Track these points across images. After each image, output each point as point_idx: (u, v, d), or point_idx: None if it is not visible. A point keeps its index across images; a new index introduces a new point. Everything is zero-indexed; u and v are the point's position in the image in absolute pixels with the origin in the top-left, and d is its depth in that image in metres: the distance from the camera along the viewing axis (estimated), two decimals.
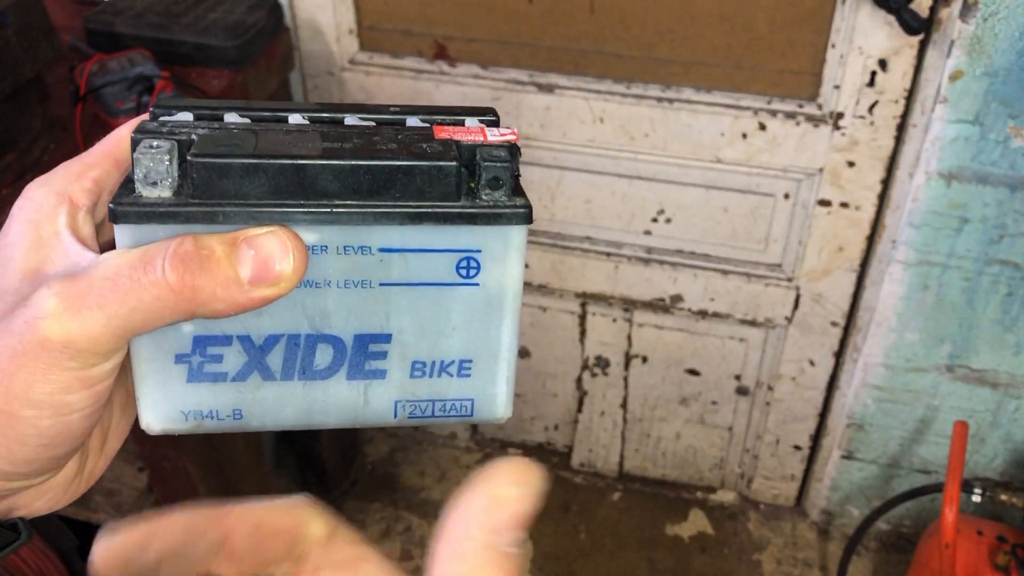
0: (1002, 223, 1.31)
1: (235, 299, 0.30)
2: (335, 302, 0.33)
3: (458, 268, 0.33)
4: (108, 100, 1.16)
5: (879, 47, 1.26)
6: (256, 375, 0.34)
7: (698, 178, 1.46)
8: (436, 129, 0.34)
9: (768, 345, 1.63)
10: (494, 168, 0.32)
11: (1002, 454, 1.57)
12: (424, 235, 0.32)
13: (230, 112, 0.34)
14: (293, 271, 0.30)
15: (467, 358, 0.35)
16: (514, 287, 0.34)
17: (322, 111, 0.35)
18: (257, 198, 0.31)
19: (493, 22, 1.40)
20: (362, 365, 0.34)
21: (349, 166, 0.31)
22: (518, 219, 0.33)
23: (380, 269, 0.33)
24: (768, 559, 1.75)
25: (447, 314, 0.34)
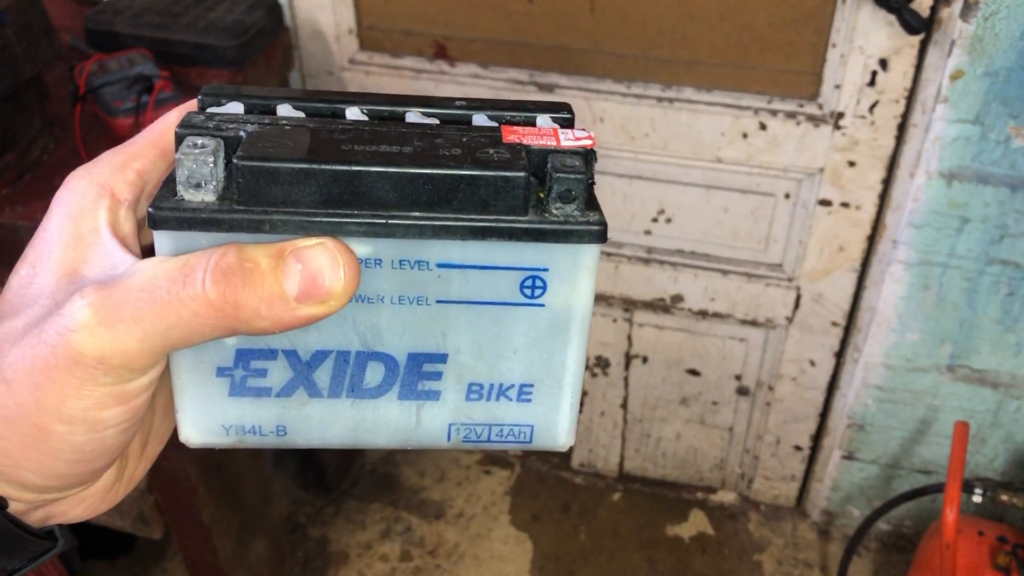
0: (1003, 223, 1.31)
1: (280, 317, 0.28)
2: (388, 318, 0.31)
3: (522, 287, 0.31)
4: (108, 100, 1.16)
5: (880, 47, 1.26)
6: (302, 391, 0.32)
7: (698, 178, 1.46)
8: (504, 130, 0.31)
9: (769, 345, 1.63)
10: (567, 180, 0.29)
11: (1003, 454, 1.57)
12: (487, 251, 0.30)
13: (283, 103, 0.32)
14: (343, 289, 0.28)
15: (528, 382, 0.33)
16: (583, 309, 0.32)
17: (382, 103, 0.33)
18: (308, 206, 0.28)
19: (493, 22, 1.40)
20: (415, 385, 0.32)
21: (408, 175, 0.28)
22: (591, 237, 0.30)
23: (438, 285, 0.30)
24: (768, 559, 1.75)
25: (508, 335, 0.32)
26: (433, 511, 1.83)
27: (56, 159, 1.15)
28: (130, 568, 1.69)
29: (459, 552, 1.75)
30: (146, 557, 1.71)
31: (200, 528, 1.35)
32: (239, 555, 1.47)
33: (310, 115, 0.32)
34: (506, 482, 1.88)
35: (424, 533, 1.78)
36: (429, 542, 1.77)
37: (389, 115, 0.33)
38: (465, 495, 1.86)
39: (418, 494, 1.86)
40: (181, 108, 0.33)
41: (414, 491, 1.87)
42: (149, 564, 1.70)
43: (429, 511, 1.83)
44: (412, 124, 0.32)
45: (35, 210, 1.07)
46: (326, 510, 1.81)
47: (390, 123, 0.32)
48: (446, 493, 1.86)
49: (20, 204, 1.08)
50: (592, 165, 0.31)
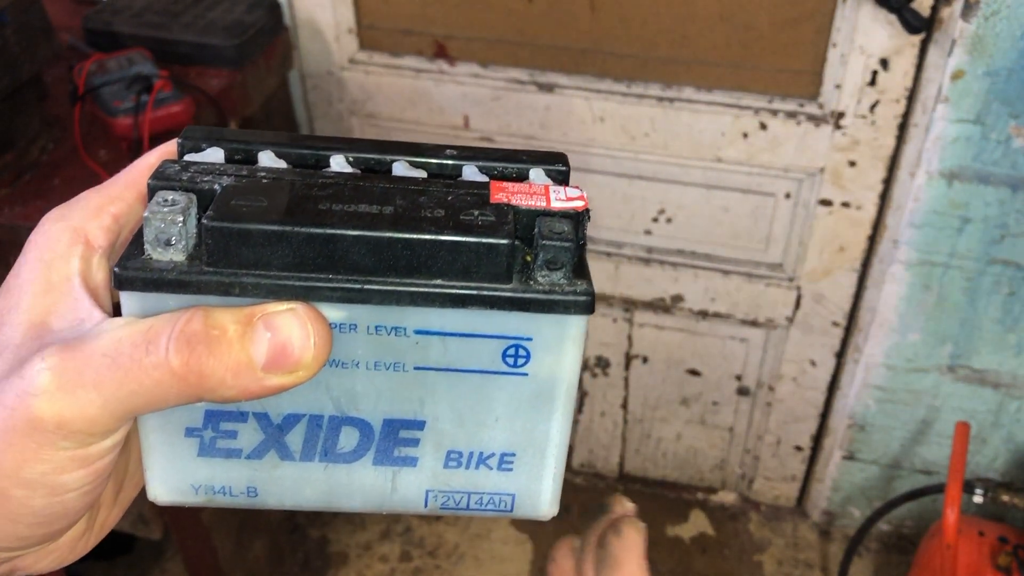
0: (1003, 223, 1.31)
1: (247, 387, 0.27)
2: (363, 384, 0.30)
3: (504, 356, 0.29)
4: (107, 99, 1.16)
5: (880, 46, 1.26)
6: (273, 454, 0.31)
7: (699, 178, 1.45)
8: (493, 187, 0.30)
9: (769, 345, 1.63)
10: (553, 248, 0.28)
11: (1003, 455, 1.57)
12: (467, 319, 0.29)
13: (265, 150, 0.31)
14: (313, 359, 0.27)
15: (510, 451, 0.31)
16: (569, 379, 0.30)
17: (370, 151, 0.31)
18: (280, 268, 0.27)
19: (493, 21, 1.40)
20: (391, 451, 0.31)
21: (386, 239, 0.27)
22: (577, 308, 0.28)
23: (415, 352, 0.29)
24: (769, 560, 1.75)
25: (489, 404, 0.30)
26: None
27: (55, 159, 1.15)
28: (129, 568, 1.69)
29: (459, 553, 1.75)
30: (145, 557, 1.70)
31: (199, 528, 1.35)
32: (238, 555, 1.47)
33: (293, 163, 0.31)
34: None
35: (424, 533, 1.78)
36: (429, 542, 1.77)
37: (376, 164, 0.31)
38: None
39: None
40: (161, 149, 0.33)
41: None
42: (148, 564, 1.70)
43: None
44: (397, 178, 0.30)
45: (34, 210, 1.07)
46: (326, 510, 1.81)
47: (374, 177, 0.30)
48: None
49: (19, 204, 1.08)
50: (583, 228, 0.29)
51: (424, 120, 1.51)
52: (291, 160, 0.31)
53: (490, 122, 1.48)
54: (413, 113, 1.50)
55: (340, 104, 1.53)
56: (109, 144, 1.16)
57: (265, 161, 0.31)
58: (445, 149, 0.32)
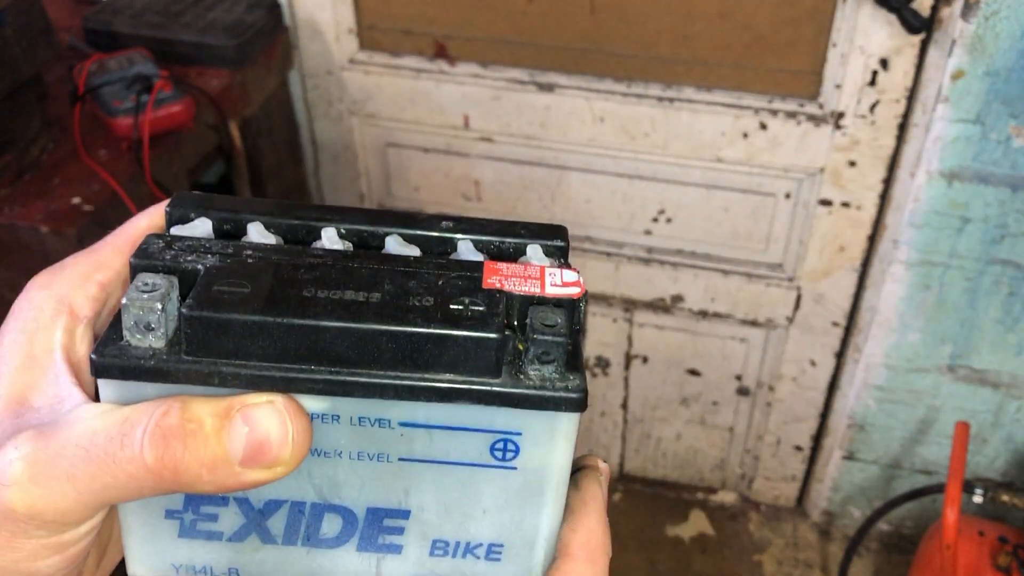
0: (1003, 223, 1.31)
1: (223, 482, 0.27)
2: (346, 473, 0.29)
3: (493, 449, 0.29)
4: (107, 99, 1.16)
5: (880, 46, 1.26)
6: (255, 537, 0.30)
7: (699, 178, 1.45)
8: (487, 269, 0.29)
9: (769, 345, 1.63)
10: (545, 342, 0.27)
11: (1003, 455, 1.57)
12: (454, 412, 0.28)
13: (255, 221, 0.30)
14: (291, 456, 0.27)
15: (498, 543, 0.31)
16: (559, 473, 0.30)
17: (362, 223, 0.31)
18: (261, 359, 0.27)
19: (493, 21, 1.40)
20: (375, 538, 0.30)
21: (371, 331, 0.26)
22: (568, 406, 0.28)
23: (400, 443, 0.29)
24: (769, 560, 1.75)
25: (476, 496, 0.30)
26: None
27: (55, 159, 1.15)
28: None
29: None
30: None
31: None
32: None
33: (284, 234, 0.30)
34: None
35: None
36: None
37: (368, 236, 0.31)
38: None
39: None
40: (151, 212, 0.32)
41: None
42: None
43: None
44: (388, 257, 0.29)
45: (34, 210, 1.07)
46: None
47: (364, 256, 0.29)
48: None
49: (19, 204, 1.08)
50: (579, 315, 0.28)
51: (424, 120, 1.51)
52: (282, 231, 0.31)
53: (490, 122, 1.48)
54: (413, 113, 1.50)
55: (340, 104, 1.53)
56: (109, 144, 1.16)
57: (254, 234, 0.30)
58: (440, 221, 0.31)
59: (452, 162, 1.55)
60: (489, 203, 1.58)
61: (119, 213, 1.10)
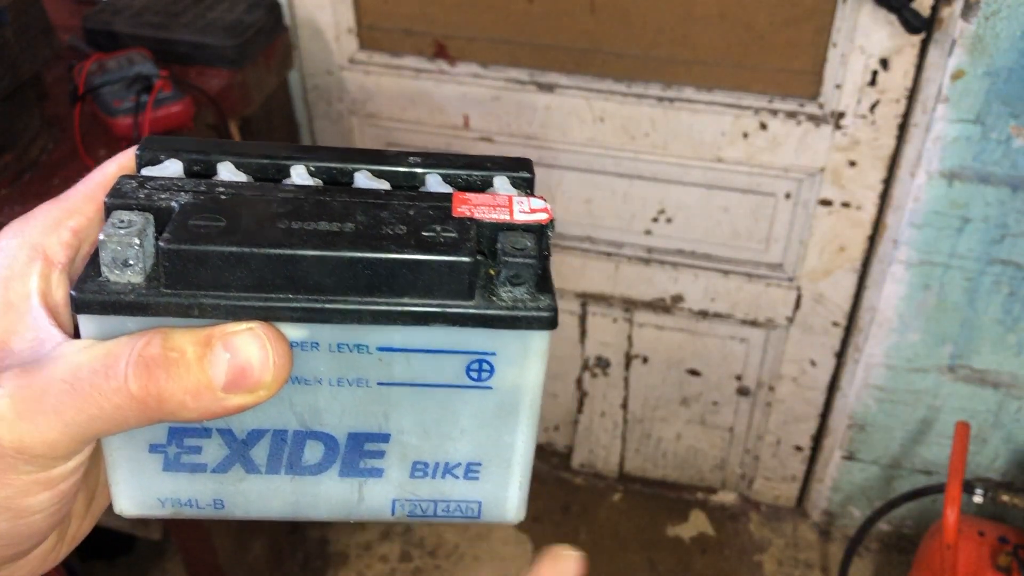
0: (1004, 223, 1.31)
1: (207, 408, 0.27)
2: (327, 400, 0.30)
3: (468, 370, 0.30)
4: (107, 99, 1.16)
5: (880, 46, 1.26)
6: (239, 467, 0.31)
7: (699, 178, 1.45)
8: (456, 199, 0.30)
9: (769, 345, 1.63)
10: (515, 264, 0.28)
11: (1004, 455, 1.57)
12: (430, 335, 0.29)
13: (225, 161, 0.31)
14: (273, 379, 0.27)
15: (476, 461, 0.32)
16: (532, 391, 0.30)
17: (331, 160, 0.31)
18: (240, 289, 0.27)
19: (493, 21, 1.40)
20: (356, 463, 0.31)
21: (346, 259, 0.27)
22: (540, 324, 0.28)
23: (378, 368, 0.29)
24: (769, 560, 1.75)
25: (454, 417, 0.31)
26: None
27: (55, 159, 1.15)
28: (129, 568, 1.69)
29: (459, 553, 1.75)
30: (145, 557, 1.70)
31: (199, 528, 1.35)
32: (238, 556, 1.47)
33: (254, 174, 0.31)
34: None
35: (424, 533, 1.78)
36: (429, 542, 1.77)
37: (338, 174, 0.31)
38: None
39: None
40: (119, 159, 0.32)
41: None
42: (148, 564, 1.70)
43: None
44: (359, 191, 0.30)
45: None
46: None
47: (335, 190, 0.30)
48: None
49: (19, 204, 1.08)
50: (547, 240, 0.29)
51: (424, 120, 1.51)
52: (251, 171, 0.31)
53: (490, 122, 1.48)
54: (413, 113, 1.50)
55: (340, 104, 1.53)
56: (109, 144, 1.16)
57: (224, 174, 0.30)
58: (408, 157, 0.32)
59: None
60: None
61: None
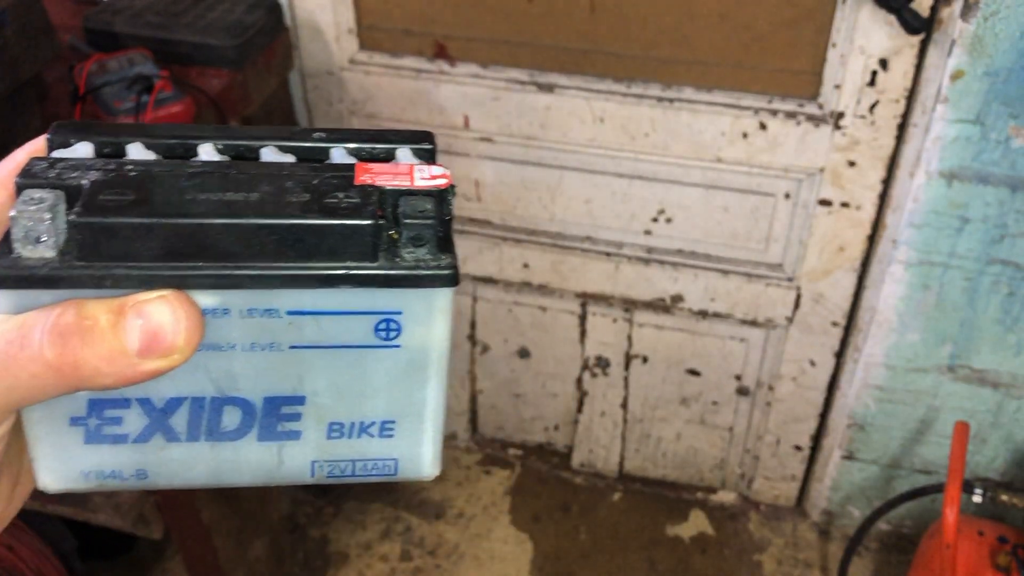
0: (1003, 223, 1.31)
1: (123, 373, 0.28)
2: (241, 365, 0.31)
3: (377, 330, 0.31)
4: (107, 100, 1.16)
5: (880, 47, 1.26)
6: (159, 436, 0.31)
7: (698, 178, 1.46)
8: (358, 168, 0.31)
9: (769, 345, 1.63)
10: (416, 225, 0.29)
11: (1003, 454, 1.57)
12: (338, 297, 0.30)
13: (134, 142, 0.32)
14: (185, 342, 0.28)
15: (390, 419, 0.33)
16: (439, 348, 0.32)
17: (239, 138, 0.32)
18: (150, 259, 0.28)
19: (493, 21, 1.40)
20: (274, 427, 0.32)
21: (252, 226, 0.28)
22: (442, 281, 0.30)
23: (290, 332, 0.30)
24: (769, 560, 1.75)
25: (366, 376, 0.32)
26: (433, 511, 1.83)
27: None
28: (130, 568, 1.69)
29: (459, 552, 1.75)
30: (146, 557, 1.71)
31: (200, 528, 1.35)
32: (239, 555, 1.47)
33: (163, 154, 0.32)
34: (506, 482, 1.88)
35: (424, 533, 1.78)
36: (429, 542, 1.77)
37: (245, 150, 0.32)
38: (465, 495, 1.86)
39: (418, 494, 1.86)
40: (29, 146, 0.33)
41: (414, 491, 1.87)
42: (149, 564, 1.70)
43: (429, 511, 1.83)
44: (264, 164, 0.31)
45: None
46: (326, 510, 1.81)
47: (242, 164, 0.31)
48: (446, 493, 1.86)
49: None
50: (447, 204, 0.30)
51: (424, 120, 1.51)
52: (160, 151, 0.32)
53: (490, 122, 1.48)
54: (413, 113, 1.51)
55: (340, 104, 1.54)
56: None
57: (134, 153, 0.31)
58: (312, 132, 0.33)
59: (452, 162, 1.55)
60: (489, 203, 1.58)
61: None
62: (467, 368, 1.85)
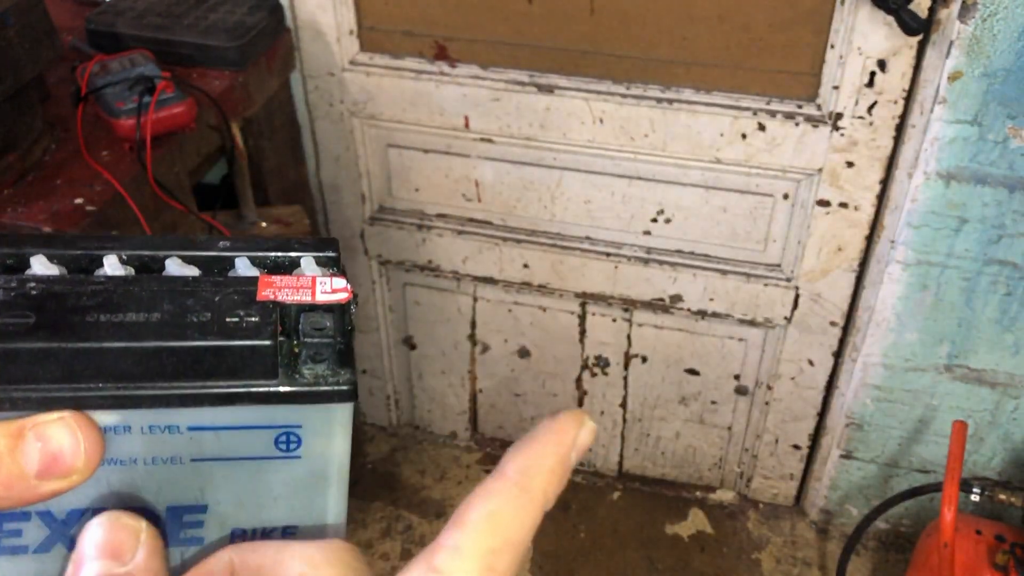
0: (1001, 223, 1.32)
1: (21, 496, 0.28)
2: (143, 478, 0.31)
3: (277, 443, 0.31)
4: (109, 101, 1.17)
5: (878, 48, 1.27)
6: (60, 546, 0.32)
7: (697, 178, 1.46)
8: (261, 282, 0.31)
9: (767, 345, 1.64)
10: (315, 344, 0.30)
11: (1000, 453, 1.57)
12: (238, 413, 0.30)
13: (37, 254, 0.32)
14: (85, 464, 0.28)
15: (291, 525, 0.34)
16: (339, 458, 0.32)
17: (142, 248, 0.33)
18: (51, 381, 0.28)
19: (493, 23, 1.40)
20: (177, 534, 0.32)
21: (152, 348, 0.29)
22: (340, 397, 0.30)
23: (191, 446, 0.31)
24: (767, 558, 1.76)
25: (267, 486, 0.32)
26: (433, 510, 1.83)
27: (58, 160, 1.16)
28: None
29: None
30: None
31: None
32: None
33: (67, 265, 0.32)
34: None
35: (424, 532, 1.79)
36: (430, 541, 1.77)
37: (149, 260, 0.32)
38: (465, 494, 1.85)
39: (418, 493, 1.87)
40: None
41: (414, 490, 1.87)
42: None
43: (429, 510, 1.83)
44: (167, 279, 0.31)
45: (37, 210, 1.07)
46: None
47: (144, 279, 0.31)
48: (446, 492, 1.87)
49: (22, 205, 1.08)
50: (348, 317, 0.31)
51: (425, 121, 1.51)
52: (65, 261, 0.32)
53: (490, 123, 1.49)
54: (414, 114, 1.51)
55: (341, 105, 1.54)
56: (112, 145, 1.17)
57: (37, 267, 0.31)
58: (218, 242, 0.33)
59: (452, 163, 1.55)
60: (489, 203, 1.59)
61: (121, 213, 1.11)
62: (467, 368, 1.85)
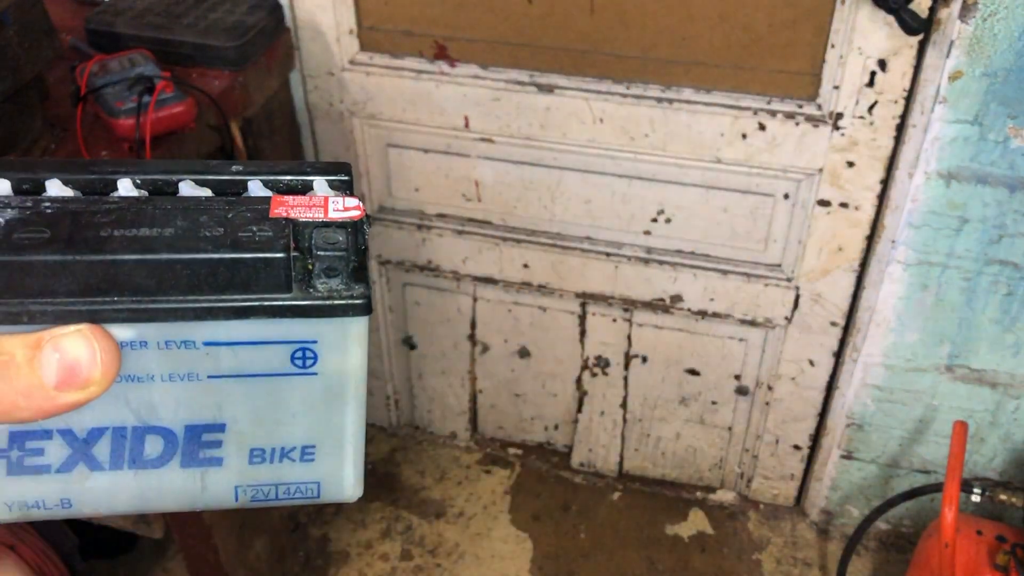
0: (1001, 223, 1.32)
1: (40, 407, 0.28)
2: (161, 395, 0.31)
3: (293, 358, 0.31)
4: (109, 100, 1.17)
5: (878, 47, 1.27)
6: (82, 466, 0.32)
7: (698, 178, 1.46)
8: (274, 201, 0.32)
9: (768, 345, 1.64)
10: (328, 257, 0.30)
11: (1001, 454, 1.57)
12: (253, 328, 0.30)
13: (53, 178, 0.32)
14: (102, 375, 0.28)
15: (310, 444, 0.34)
16: (356, 375, 0.32)
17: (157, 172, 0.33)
18: (66, 295, 0.29)
19: (493, 22, 1.40)
20: (196, 454, 0.33)
21: (166, 260, 0.29)
22: (355, 311, 0.31)
23: (207, 362, 0.31)
24: (768, 559, 1.76)
25: (284, 403, 0.32)
26: (433, 510, 1.83)
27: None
28: (131, 567, 1.70)
29: (459, 551, 1.76)
30: (147, 556, 1.71)
31: (201, 527, 1.36)
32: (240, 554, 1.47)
33: (81, 189, 0.32)
34: (506, 481, 1.88)
35: (424, 532, 1.79)
36: (429, 541, 1.77)
37: (163, 184, 0.33)
38: (465, 494, 1.86)
39: (418, 493, 1.87)
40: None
41: (414, 490, 1.87)
42: (150, 563, 1.70)
43: (429, 510, 1.83)
44: (180, 199, 0.32)
45: None
46: (326, 509, 1.82)
47: (158, 199, 0.31)
48: (446, 492, 1.87)
49: None
50: (361, 235, 0.31)
51: (424, 121, 1.51)
52: (79, 186, 0.32)
53: (490, 123, 1.49)
54: (414, 114, 1.51)
55: (341, 105, 1.54)
56: (111, 145, 1.17)
57: (52, 190, 0.32)
58: (231, 165, 0.33)
59: (452, 162, 1.55)
60: (489, 203, 1.59)
61: None
62: (467, 368, 1.85)
